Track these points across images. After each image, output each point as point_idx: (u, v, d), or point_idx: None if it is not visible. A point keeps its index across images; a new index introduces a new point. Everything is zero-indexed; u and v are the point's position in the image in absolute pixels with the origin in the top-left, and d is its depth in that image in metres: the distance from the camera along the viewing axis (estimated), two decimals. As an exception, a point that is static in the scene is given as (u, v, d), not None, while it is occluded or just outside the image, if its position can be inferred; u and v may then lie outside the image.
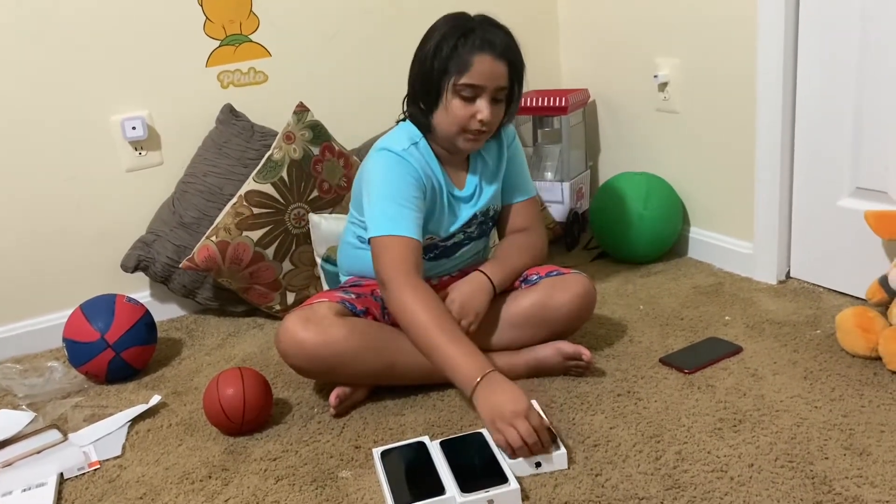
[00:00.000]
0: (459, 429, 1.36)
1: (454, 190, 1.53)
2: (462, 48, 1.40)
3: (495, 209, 1.61)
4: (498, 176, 1.60)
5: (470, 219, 1.55)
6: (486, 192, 1.57)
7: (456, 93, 1.42)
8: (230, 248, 1.83)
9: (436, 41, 1.43)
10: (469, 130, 1.44)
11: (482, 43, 1.40)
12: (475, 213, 1.56)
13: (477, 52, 1.40)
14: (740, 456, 1.21)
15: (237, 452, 1.36)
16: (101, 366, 1.64)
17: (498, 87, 1.43)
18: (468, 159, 1.57)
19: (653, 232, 2.03)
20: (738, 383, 1.43)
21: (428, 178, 1.48)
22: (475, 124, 1.43)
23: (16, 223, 1.88)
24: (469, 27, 1.42)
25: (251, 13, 2.03)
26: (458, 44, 1.40)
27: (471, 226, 1.57)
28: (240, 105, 2.02)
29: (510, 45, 1.44)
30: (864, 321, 1.47)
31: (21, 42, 1.80)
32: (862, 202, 1.66)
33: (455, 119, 1.43)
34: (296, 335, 1.39)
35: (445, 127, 1.46)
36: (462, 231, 1.56)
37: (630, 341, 1.64)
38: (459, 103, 1.42)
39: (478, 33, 1.41)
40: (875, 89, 1.60)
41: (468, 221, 1.55)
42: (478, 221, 1.58)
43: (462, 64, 1.40)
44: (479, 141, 1.47)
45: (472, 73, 1.40)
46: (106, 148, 1.93)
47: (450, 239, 1.55)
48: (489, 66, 1.40)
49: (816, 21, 1.67)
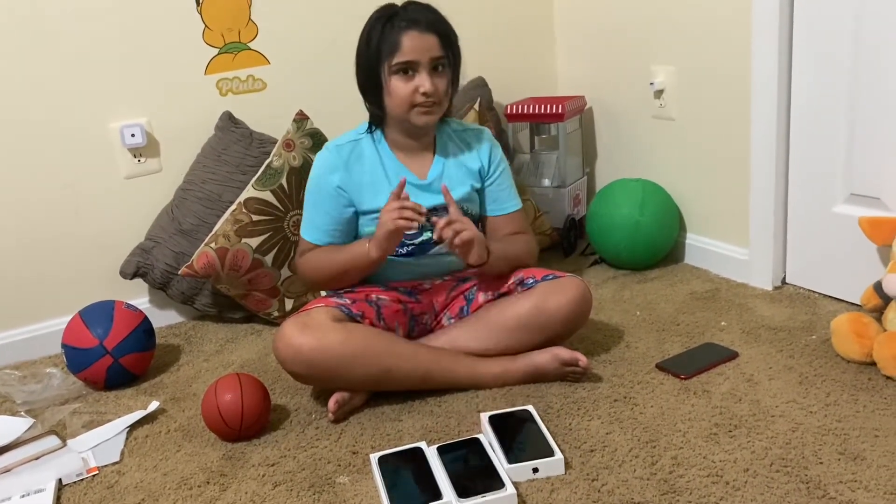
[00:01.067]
0: (457, 434, 1.36)
1: (412, 178, 1.57)
2: (390, 31, 1.48)
3: (468, 213, 1.60)
4: (474, 177, 1.62)
5: (431, 209, 1.53)
6: (454, 184, 1.58)
7: (394, 73, 1.49)
8: (229, 255, 1.84)
9: (366, 33, 1.52)
10: (417, 105, 1.50)
11: (408, 22, 1.48)
12: (437, 204, 1.55)
13: (404, 31, 1.47)
14: (736, 461, 1.21)
15: (235, 458, 1.37)
16: (100, 372, 1.65)
17: (432, 58, 1.49)
18: (434, 147, 1.61)
19: (649, 238, 2.04)
20: (733, 389, 1.44)
21: (360, 171, 1.55)
22: (420, 98, 1.49)
23: (15, 229, 1.88)
24: (393, 12, 1.51)
25: (250, 21, 2.04)
26: (384, 28, 1.48)
27: (435, 216, 1.53)
28: (238, 112, 2.03)
29: (436, 18, 1.51)
30: (858, 327, 1.48)
31: (20, 49, 1.81)
32: (856, 208, 1.68)
33: (400, 98, 1.50)
34: (293, 341, 1.40)
35: (396, 109, 1.52)
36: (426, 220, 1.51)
37: (627, 347, 1.65)
38: (399, 82, 1.49)
39: (402, 15, 1.50)
40: (868, 98, 1.61)
41: (429, 210, 1.52)
42: (444, 215, 1.51)
43: (393, 45, 1.47)
44: (432, 113, 1.52)
45: (403, 50, 1.47)
46: (105, 155, 1.94)
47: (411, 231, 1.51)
48: (418, 41, 1.47)
49: (810, 30, 1.69)
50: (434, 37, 1.48)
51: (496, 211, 1.65)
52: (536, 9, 2.41)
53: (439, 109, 1.54)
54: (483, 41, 2.34)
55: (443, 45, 1.50)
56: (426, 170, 1.59)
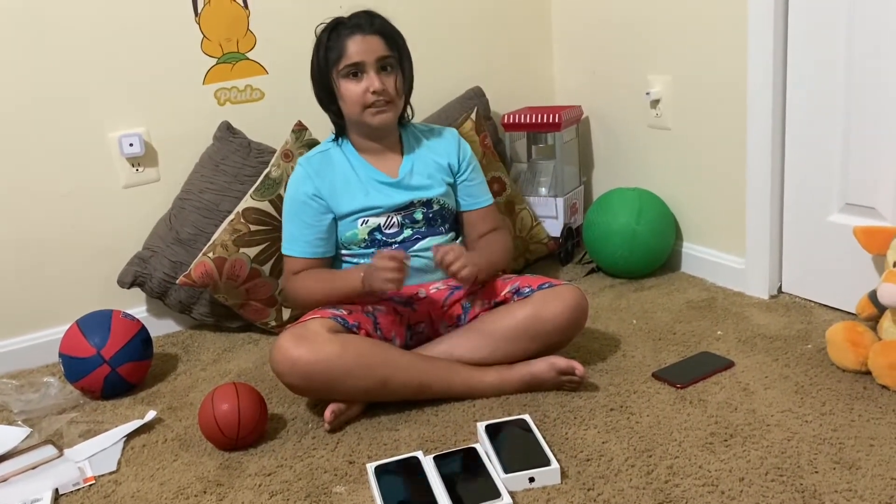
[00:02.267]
0: (453, 444, 1.36)
1: (383, 177, 1.63)
2: (336, 39, 1.56)
3: (446, 208, 1.67)
4: (445, 172, 1.68)
5: (407, 205, 1.62)
6: (426, 180, 1.64)
7: (343, 77, 1.56)
8: (227, 265, 1.85)
9: (316, 45, 1.60)
10: (370, 105, 1.56)
11: (350, 28, 1.56)
12: (412, 199, 1.62)
13: (349, 37, 1.55)
14: (731, 470, 1.22)
15: (232, 468, 1.37)
16: (97, 381, 1.65)
17: (378, 58, 1.55)
18: (401, 149, 1.67)
19: (646, 247, 2.05)
20: (729, 398, 1.44)
21: (332, 176, 1.61)
22: (371, 97, 1.55)
23: (12, 238, 1.89)
24: (337, 22, 1.58)
25: (248, 31, 2.05)
26: (330, 37, 1.57)
27: (412, 212, 1.62)
28: (237, 122, 2.03)
29: (379, 21, 1.58)
30: (854, 336, 1.48)
31: (18, 58, 1.82)
32: (851, 218, 1.68)
33: (352, 100, 1.56)
34: (289, 353, 1.40)
35: (351, 112, 1.59)
36: (404, 217, 1.62)
37: (623, 356, 1.66)
38: (350, 84, 1.56)
39: (345, 23, 1.57)
40: (862, 108, 1.62)
41: (406, 206, 1.62)
42: (422, 211, 1.63)
43: (339, 51, 1.55)
44: (387, 111, 1.58)
45: (349, 54, 1.54)
46: (103, 164, 1.94)
47: (392, 230, 1.61)
48: (362, 44, 1.54)
49: (805, 40, 1.70)
50: (378, 38, 1.56)
51: (472, 206, 1.72)
52: (533, 18, 2.42)
53: (393, 108, 1.60)
54: (480, 51, 2.35)
55: (388, 45, 1.57)
56: (396, 168, 1.64)
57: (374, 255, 1.51)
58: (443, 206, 1.66)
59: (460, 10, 2.30)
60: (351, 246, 1.63)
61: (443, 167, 1.68)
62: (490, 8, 2.35)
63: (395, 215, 1.61)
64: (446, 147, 1.71)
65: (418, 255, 1.61)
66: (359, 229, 1.61)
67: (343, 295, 1.55)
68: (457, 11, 2.30)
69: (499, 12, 2.37)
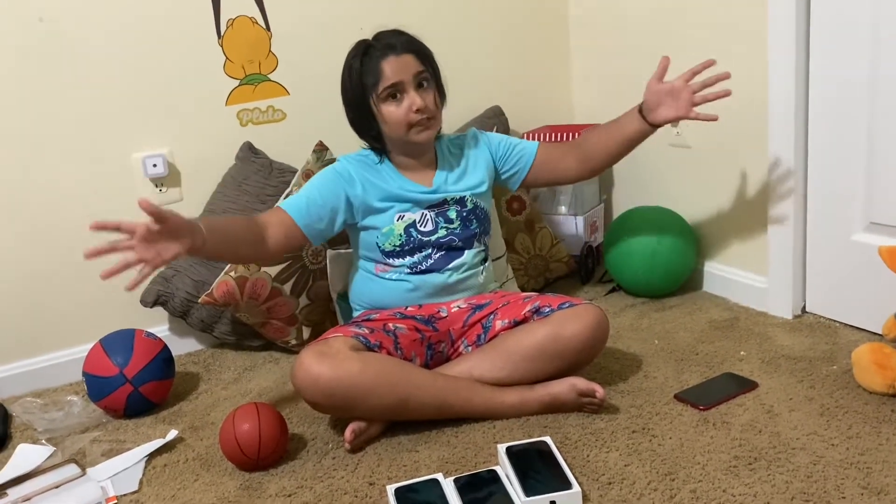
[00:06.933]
0: (473, 465, 1.36)
1: (418, 188, 1.64)
2: (368, 63, 1.55)
3: (480, 207, 1.68)
4: (473, 167, 1.70)
5: (441, 202, 1.64)
6: (458, 182, 1.67)
7: (383, 101, 1.56)
8: (248, 284, 1.86)
9: (346, 71, 1.60)
10: (414, 123, 1.56)
11: (380, 50, 1.55)
12: (445, 198, 1.64)
13: (381, 59, 1.54)
14: (756, 495, 1.20)
15: (252, 488, 1.37)
16: (120, 400, 1.66)
17: (415, 75, 1.55)
18: (436, 162, 1.68)
19: (667, 266, 2.04)
20: (753, 420, 1.42)
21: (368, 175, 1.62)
22: (415, 116, 1.55)
23: (38, 258, 1.91)
24: (366, 45, 1.58)
25: (270, 53, 2.07)
26: (363, 62, 1.56)
27: (445, 210, 1.64)
28: (259, 143, 2.06)
29: (407, 39, 1.58)
30: (880, 357, 1.46)
31: (45, 81, 1.85)
32: (876, 237, 1.66)
33: (396, 122, 1.56)
34: (311, 370, 1.40)
35: (395, 134, 1.58)
36: (437, 215, 1.63)
37: (645, 377, 1.64)
38: (391, 107, 1.56)
39: (375, 45, 1.57)
40: (887, 126, 1.60)
41: (439, 204, 1.64)
42: (456, 210, 1.64)
43: (375, 75, 1.54)
44: (430, 128, 1.59)
45: (385, 76, 1.54)
46: (127, 185, 1.97)
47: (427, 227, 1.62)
48: (397, 64, 1.54)
49: (827, 56, 1.69)
50: (410, 55, 1.56)
51: (531, 155, 1.76)
52: (552, 39, 2.43)
53: (435, 123, 1.61)
54: (500, 70, 2.36)
55: (420, 60, 1.57)
56: (430, 179, 1.66)
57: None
58: (476, 206, 1.68)
59: (480, 31, 2.32)
60: (388, 247, 1.62)
61: (481, 169, 1.71)
62: (509, 28, 2.36)
63: (428, 212, 1.63)
64: (476, 148, 1.73)
65: (450, 271, 1.63)
66: (395, 224, 1.61)
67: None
68: (476, 31, 2.32)
69: (518, 32, 2.38)
